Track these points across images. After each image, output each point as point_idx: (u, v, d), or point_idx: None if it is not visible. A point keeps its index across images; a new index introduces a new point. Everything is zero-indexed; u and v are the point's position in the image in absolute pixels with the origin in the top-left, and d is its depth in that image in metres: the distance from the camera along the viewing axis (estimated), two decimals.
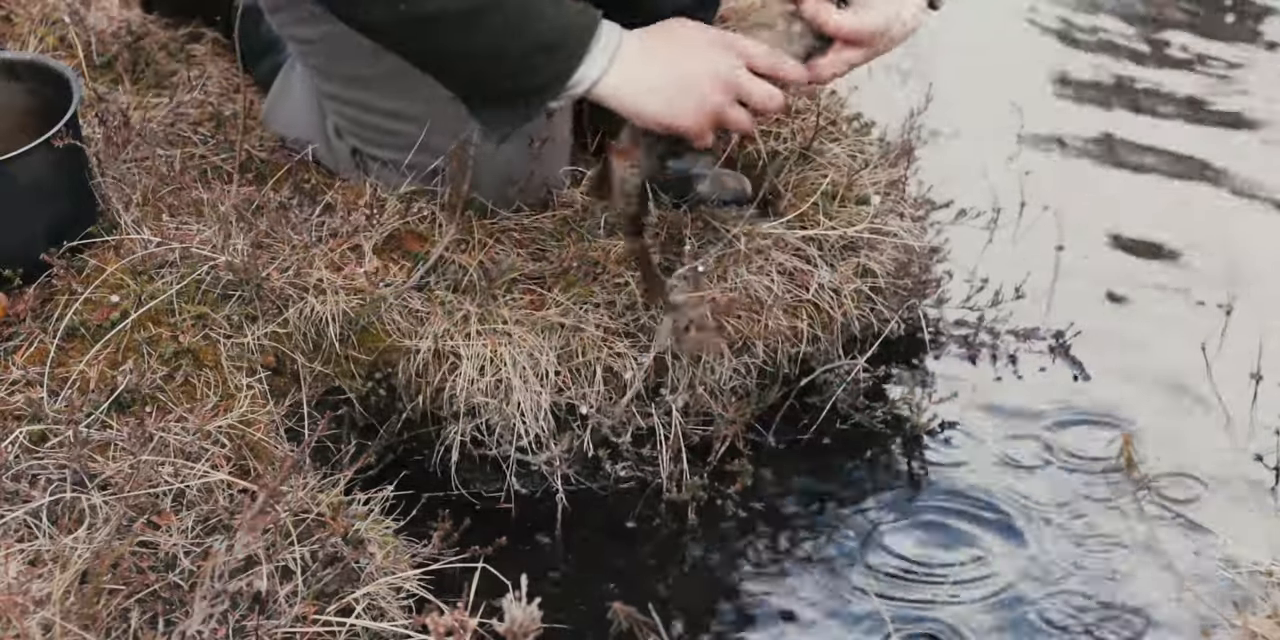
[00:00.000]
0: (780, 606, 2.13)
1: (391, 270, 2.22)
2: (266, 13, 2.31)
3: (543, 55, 1.94)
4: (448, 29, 1.92)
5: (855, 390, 2.34)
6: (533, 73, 1.96)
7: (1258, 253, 2.77)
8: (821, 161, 2.41)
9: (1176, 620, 2.08)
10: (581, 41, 1.94)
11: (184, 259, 2.14)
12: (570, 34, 1.95)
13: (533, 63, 1.94)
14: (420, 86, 2.19)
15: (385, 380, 2.18)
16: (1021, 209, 2.83)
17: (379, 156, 2.30)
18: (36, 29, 2.63)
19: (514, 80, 1.97)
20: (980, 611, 2.11)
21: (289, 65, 2.42)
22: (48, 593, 1.66)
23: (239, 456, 1.97)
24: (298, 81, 2.39)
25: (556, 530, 2.21)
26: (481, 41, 1.93)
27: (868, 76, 2.77)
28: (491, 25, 1.91)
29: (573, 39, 1.95)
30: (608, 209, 2.23)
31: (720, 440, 2.25)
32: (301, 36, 2.28)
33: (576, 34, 1.95)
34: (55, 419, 1.95)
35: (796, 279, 2.27)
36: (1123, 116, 3.23)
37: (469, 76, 2.00)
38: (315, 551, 1.83)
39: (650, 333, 2.20)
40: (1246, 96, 3.27)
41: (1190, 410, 2.43)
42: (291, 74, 2.41)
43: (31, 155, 2.04)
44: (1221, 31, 3.52)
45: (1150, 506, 2.26)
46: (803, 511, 2.29)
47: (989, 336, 2.56)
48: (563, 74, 1.95)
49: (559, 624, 1.84)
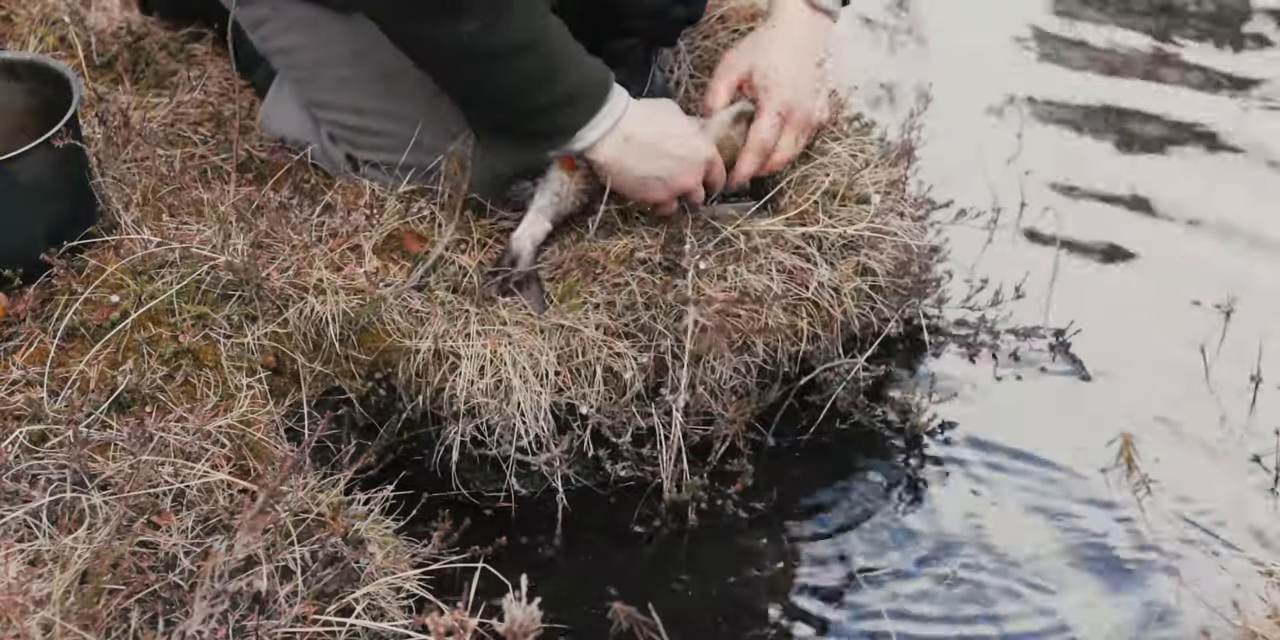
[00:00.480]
0: (780, 606, 2.13)
1: (391, 270, 2.22)
2: (248, 30, 2.33)
3: (559, 108, 2.13)
4: (488, 64, 2.08)
5: (855, 389, 2.34)
6: (549, 120, 2.15)
7: (1258, 254, 2.77)
8: (822, 160, 2.41)
9: (1176, 620, 2.08)
10: (595, 103, 2.14)
11: (184, 259, 2.14)
12: (588, 93, 2.14)
13: (550, 113, 2.13)
14: (409, 85, 2.21)
15: (385, 380, 2.18)
16: (1021, 209, 2.83)
17: (373, 160, 2.31)
18: (36, 29, 2.63)
19: (530, 123, 2.16)
20: (980, 610, 2.11)
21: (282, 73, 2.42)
22: (48, 593, 1.66)
23: (239, 456, 1.97)
24: (290, 92, 2.40)
25: (556, 530, 2.21)
26: (514, 82, 2.10)
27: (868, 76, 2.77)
28: (526, 70, 2.09)
29: (588, 98, 2.14)
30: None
31: (720, 440, 2.25)
32: (287, 46, 2.30)
33: (594, 94, 2.14)
34: (55, 419, 1.95)
35: (796, 277, 2.27)
36: (1123, 117, 3.23)
37: (492, 111, 2.17)
38: (315, 551, 1.83)
39: (649, 333, 2.20)
40: (1248, 99, 3.27)
41: (1190, 411, 2.43)
42: (285, 83, 2.41)
43: (31, 155, 2.04)
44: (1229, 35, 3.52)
45: (1150, 506, 2.26)
46: (803, 511, 2.29)
47: (989, 336, 2.56)
48: (571, 127, 2.15)
49: (559, 624, 1.84)
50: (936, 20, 3.58)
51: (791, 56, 2.32)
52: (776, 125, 2.31)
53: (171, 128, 2.47)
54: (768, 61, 2.31)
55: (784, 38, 2.34)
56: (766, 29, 2.35)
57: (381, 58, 2.23)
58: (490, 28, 2.04)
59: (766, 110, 2.31)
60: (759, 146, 2.32)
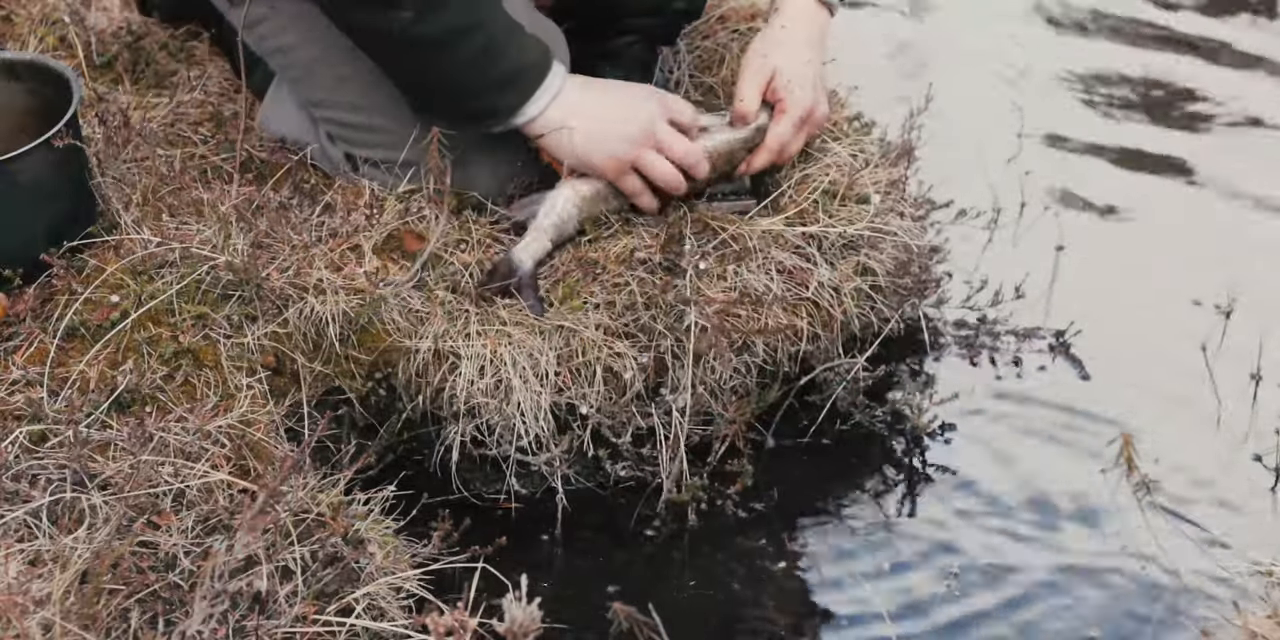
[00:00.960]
0: (780, 606, 2.13)
1: (391, 270, 2.21)
2: (245, 31, 2.33)
3: (499, 89, 2.17)
4: (425, 52, 2.12)
5: (855, 389, 2.34)
6: (489, 101, 2.18)
7: (1258, 253, 2.77)
8: (823, 160, 2.41)
9: (1176, 620, 2.08)
10: (532, 82, 2.17)
11: (184, 259, 2.14)
12: (526, 74, 2.17)
13: (490, 94, 2.17)
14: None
15: (385, 380, 2.18)
16: (1021, 209, 2.83)
17: (372, 158, 2.31)
18: (36, 29, 2.63)
19: (471, 104, 2.19)
20: (980, 611, 2.11)
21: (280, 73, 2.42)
22: (48, 593, 1.66)
23: (239, 456, 1.97)
24: (288, 93, 2.40)
25: (556, 530, 2.21)
26: (452, 68, 2.14)
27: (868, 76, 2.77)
28: (464, 56, 2.12)
29: (527, 78, 2.17)
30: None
31: (720, 440, 2.25)
32: (285, 44, 2.30)
33: (532, 74, 2.17)
34: (55, 419, 1.95)
35: (796, 277, 2.27)
36: (1124, 116, 3.23)
37: (432, 96, 2.21)
38: (315, 551, 1.83)
39: (649, 333, 2.20)
40: (1250, 97, 3.27)
41: (1190, 410, 2.43)
42: (283, 83, 2.41)
43: (31, 155, 2.04)
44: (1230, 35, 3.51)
45: (1150, 506, 2.26)
46: (802, 511, 2.29)
47: (989, 336, 2.56)
48: (512, 107, 2.18)
49: (559, 624, 1.84)
50: (937, 20, 3.58)
51: (808, 57, 2.32)
52: (797, 126, 2.32)
53: (171, 128, 2.47)
54: (788, 62, 2.31)
55: (799, 36, 2.33)
56: (778, 27, 2.34)
57: None
58: (423, 16, 2.08)
59: (789, 112, 2.31)
60: (777, 147, 2.32)
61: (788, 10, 2.35)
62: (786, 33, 2.33)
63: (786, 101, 2.31)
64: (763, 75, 2.32)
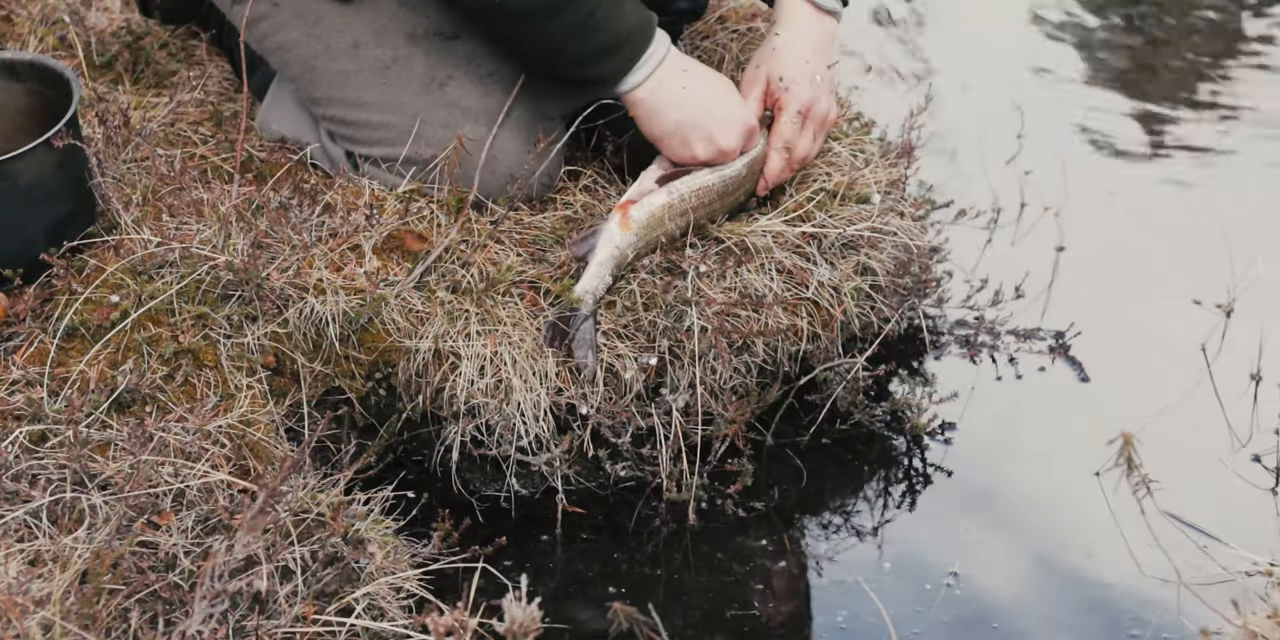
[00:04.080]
0: (780, 606, 2.13)
1: (391, 270, 2.22)
2: (246, 29, 2.32)
3: (605, 57, 2.18)
4: (529, 22, 2.14)
5: (855, 389, 2.34)
6: (595, 68, 2.19)
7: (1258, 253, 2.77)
8: (823, 160, 2.41)
9: (1176, 620, 2.08)
10: (638, 49, 2.19)
11: (184, 259, 2.14)
12: (631, 41, 2.18)
13: (596, 61, 2.18)
14: (408, 77, 2.21)
15: (385, 380, 2.18)
16: (1021, 209, 2.83)
17: (373, 156, 2.31)
18: (36, 29, 2.63)
19: (578, 71, 2.21)
20: (981, 610, 2.11)
21: (280, 75, 2.42)
22: (48, 593, 1.66)
23: (239, 456, 1.97)
24: (289, 93, 2.40)
25: (556, 530, 2.21)
26: (556, 36, 2.15)
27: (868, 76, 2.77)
28: (568, 23, 2.13)
29: (632, 46, 2.18)
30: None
31: (720, 440, 2.25)
32: (285, 42, 2.29)
33: (636, 42, 2.19)
34: (55, 419, 1.95)
35: (796, 276, 2.27)
36: (1123, 116, 3.23)
37: (542, 63, 2.23)
38: (315, 551, 1.83)
39: (649, 333, 2.20)
40: (1250, 95, 3.27)
41: (1190, 410, 2.43)
42: (283, 82, 2.42)
43: (31, 155, 2.04)
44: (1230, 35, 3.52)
45: (1150, 507, 2.26)
46: (802, 511, 2.29)
47: (989, 336, 2.56)
48: (618, 73, 2.20)
49: (559, 624, 1.84)
50: (938, 19, 3.58)
51: (805, 59, 2.33)
52: (797, 122, 2.32)
53: (171, 128, 2.47)
54: (783, 66, 2.32)
55: (796, 42, 2.34)
56: (776, 36, 2.35)
57: (380, 50, 2.23)
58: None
59: (787, 109, 2.31)
60: (782, 145, 2.33)
61: (785, 20, 2.36)
62: (780, 41, 2.34)
63: (784, 100, 2.31)
64: (759, 85, 2.33)
